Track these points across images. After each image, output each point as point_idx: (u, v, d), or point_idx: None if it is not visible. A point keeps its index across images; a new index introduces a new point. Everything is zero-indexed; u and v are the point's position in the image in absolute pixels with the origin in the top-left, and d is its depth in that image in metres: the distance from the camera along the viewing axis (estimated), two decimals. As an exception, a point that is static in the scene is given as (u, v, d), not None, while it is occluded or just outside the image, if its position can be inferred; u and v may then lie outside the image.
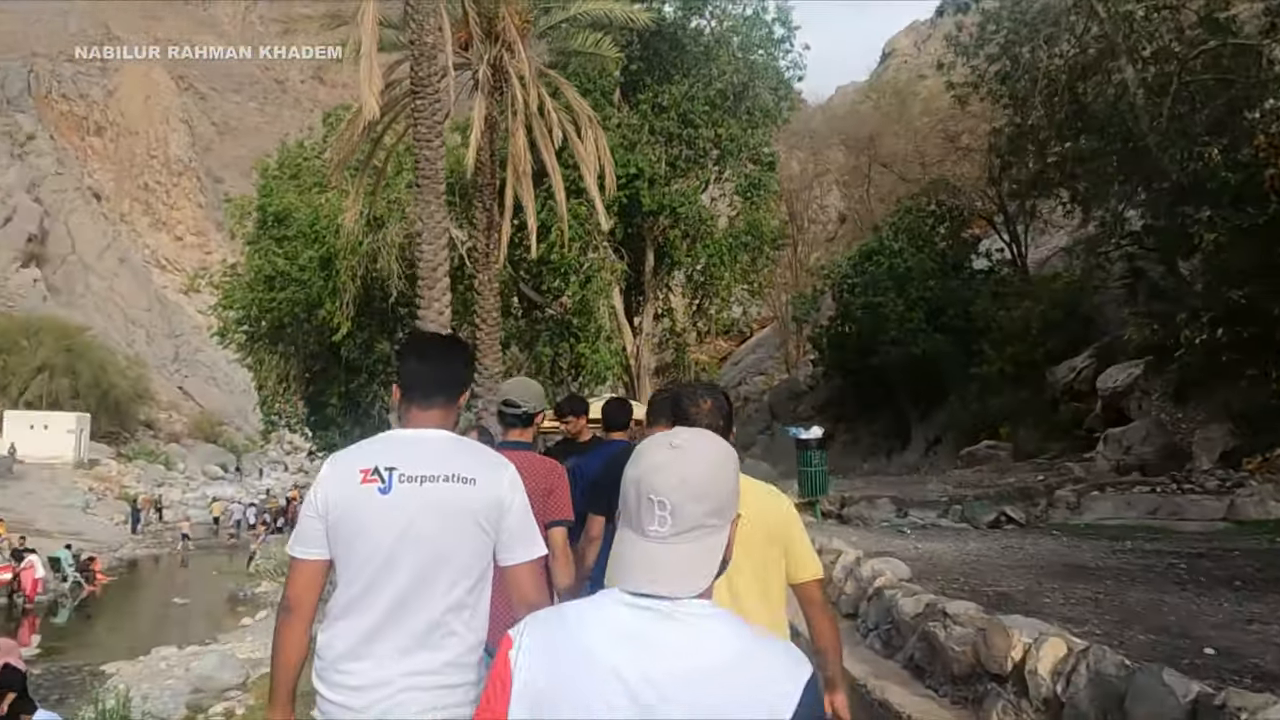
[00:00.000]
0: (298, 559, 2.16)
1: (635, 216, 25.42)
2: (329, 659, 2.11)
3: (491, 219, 13.44)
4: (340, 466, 2.17)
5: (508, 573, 2.18)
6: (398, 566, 2.08)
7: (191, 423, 71.93)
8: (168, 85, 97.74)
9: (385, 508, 2.08)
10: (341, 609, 2.12)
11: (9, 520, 33.54)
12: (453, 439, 2.24)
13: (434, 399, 2.24)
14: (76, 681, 15.93)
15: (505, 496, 2.15)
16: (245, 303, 27.57)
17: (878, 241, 21.35)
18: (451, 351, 2.39)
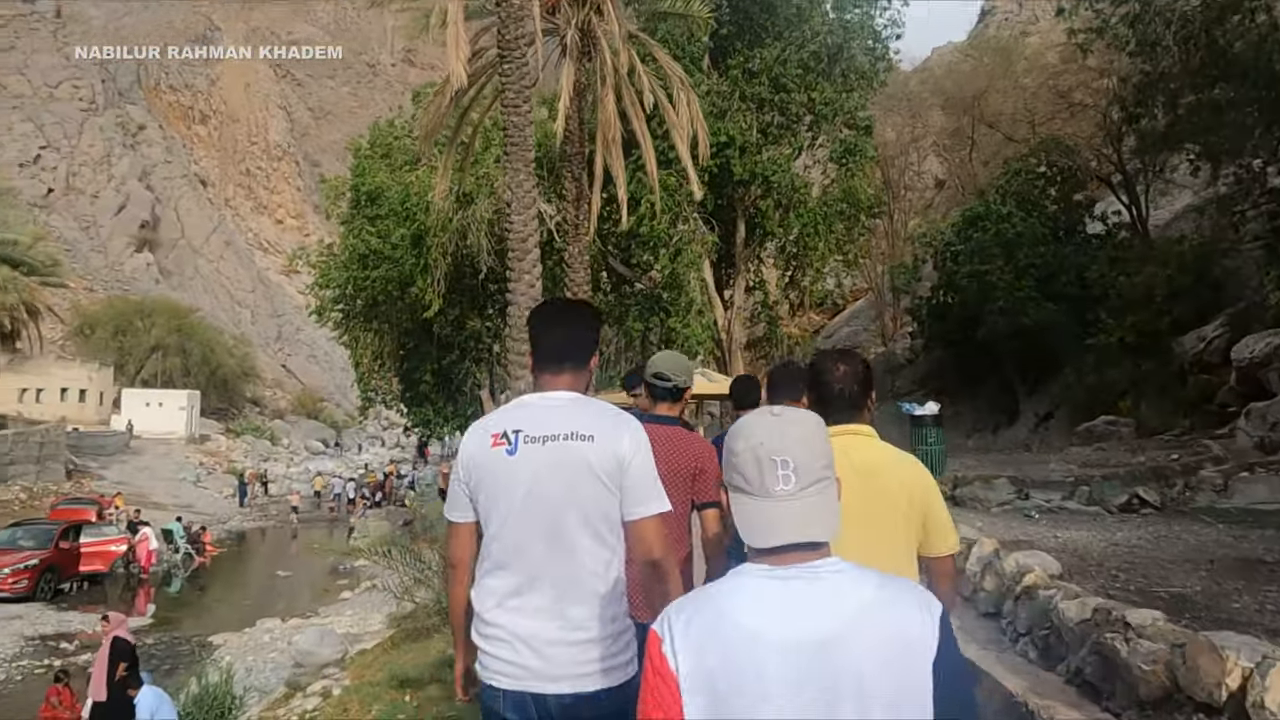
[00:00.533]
0: (452, 523, 2.32)
1: (726, 187, 24.66)
2: (481, 613, 2.22)
3: (581, 190, 12.96)
4: (476, 433, 2.28)
5: (629, 528, 2.20)
6: (529, 524, 2.16)
7: (294, 399, 74.23)
8: (266, 73, 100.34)
9: (512, 468, 2.17)
10: (489, 565, 2.23)
11: (126, 493, 34.97)
12: (577, 399, 2.26)
13: (562, 364, 2.29)
14: (186, 652, 16.29)
15: (625, 452, 2.17)
16: (340, 281, 27.88)
17: (984, 206, 20.14)
18: (578, 316, 2.43)
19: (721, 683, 1.29)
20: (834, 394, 2.49)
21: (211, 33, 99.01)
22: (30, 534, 20.59)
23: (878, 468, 2.41)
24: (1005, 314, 18.04)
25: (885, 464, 2.42)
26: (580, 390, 2.30)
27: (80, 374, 53.31)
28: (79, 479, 35.14)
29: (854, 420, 2.50)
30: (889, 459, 2.46)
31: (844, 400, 2.49)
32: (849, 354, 2.66)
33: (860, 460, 2.37)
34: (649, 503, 2.19)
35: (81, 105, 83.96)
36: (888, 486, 2.37)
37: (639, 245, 22.97)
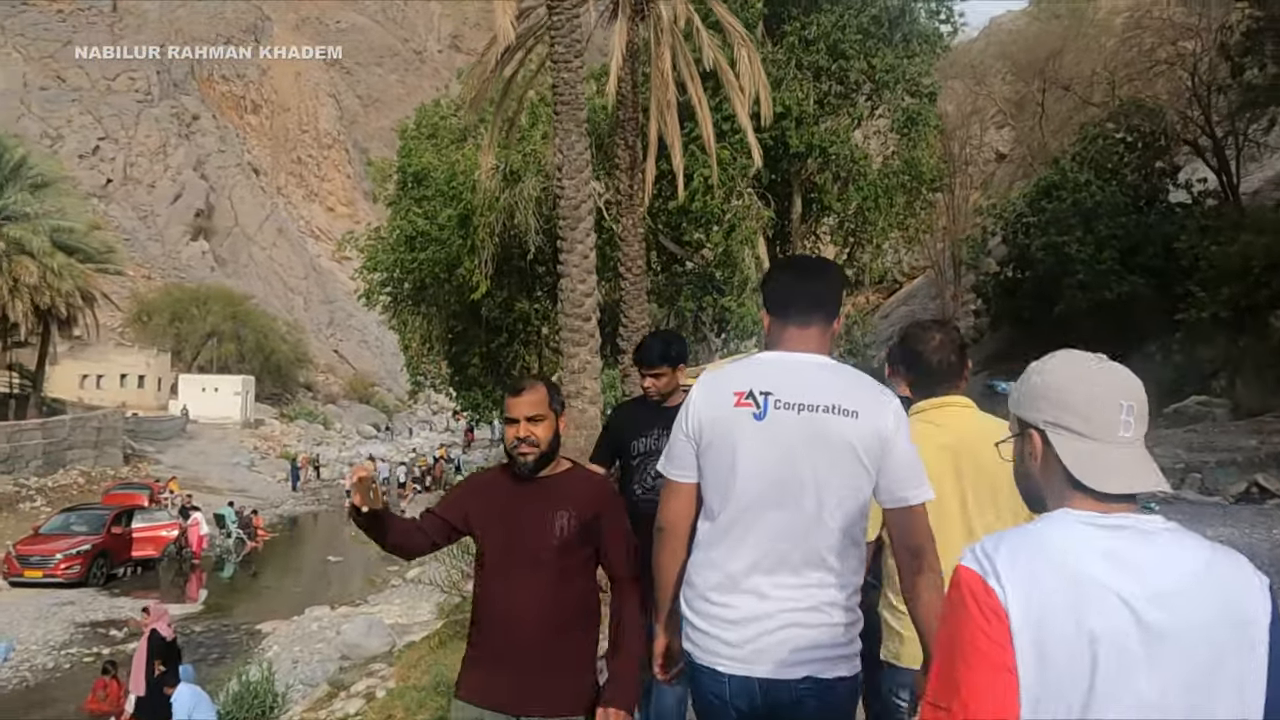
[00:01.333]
0: (673, 480, 2.10)
1: (781, 160, 23.58)
2: (701, 588, 2.04)
3: (634, 159, 12.12)
4: (712, 388, 2.09)
5: (891, 515, 2.04)
6: (773, 498, 1.98)
7: (346, 384, 74.65)
8: (315, 62, 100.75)
9: (760, 435, 1.98)
10: (715, 537, 2.04)
11: (183, 478, 35.06)
12: (831, 365, 2.08)
13: (812, 317, 2.10)
14: (235, 640, 15.90)
15: (889, 431, 1.99)
16: (387, 264, 27.42)
17: (1058, 174, 18.87)
18: (829, 269, 2.26)
19: (1052, 627, 1.19)
20: (933, 365, 2.39)
21: (262, 23, 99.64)
22: (84, 519, 20.43)
23: (974, 440, 2.29)
24: (1085, 288, 16.83)
25: (983, 435, 2.27)
26: (826, 353, 2.09)
27: (139, 360, 53.96)
28: (136, 463, 35.32)
29: (952, 392, 2.41)
30: (988, 429, 2.33)
31: (942, 371, 2.41)
32: (943, 323, 2.58)
33: (954, 434, 2.30)
34: (915, 487, 2.02)
35: (138, 97, 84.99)
36: (984, 460, 2.23)
37: (691, 222, 22.05)
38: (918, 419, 2.39)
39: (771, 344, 2.11)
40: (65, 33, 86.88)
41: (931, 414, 2.45)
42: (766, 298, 2.18)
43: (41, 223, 30.51)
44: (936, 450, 2.30)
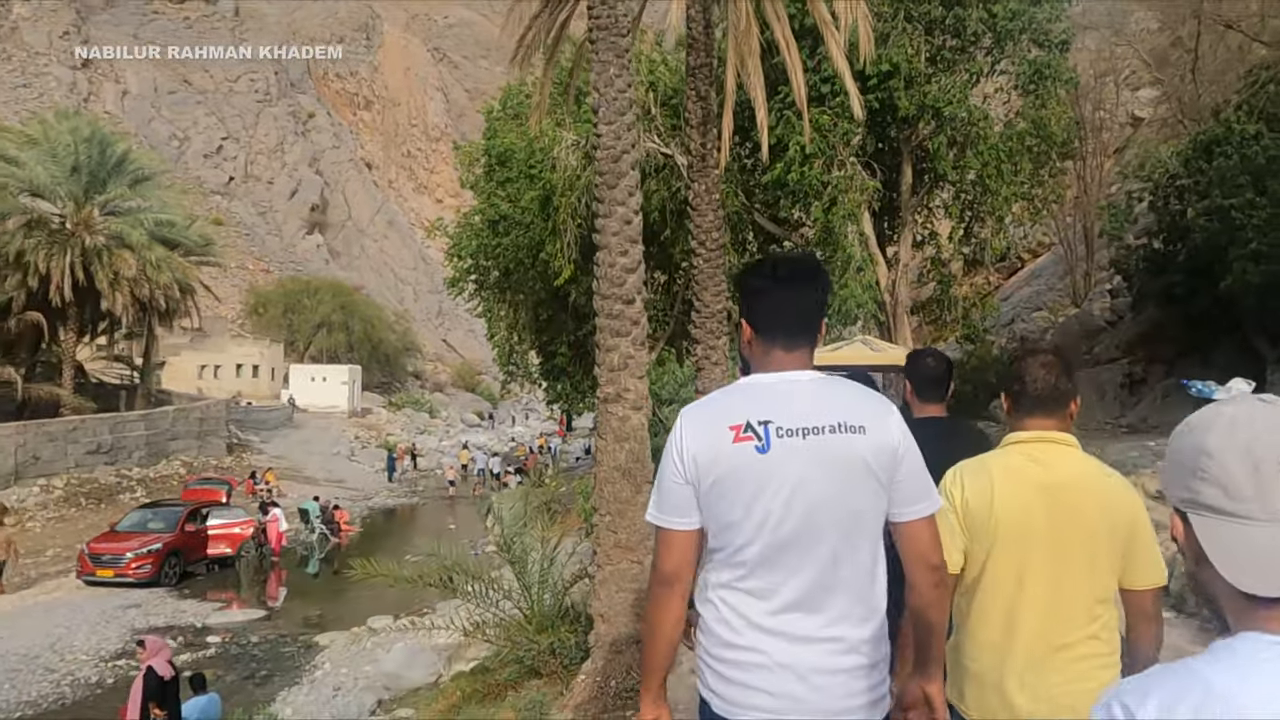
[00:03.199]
0: (669, 530, 1.92)
1: (889, 126, 21.01)
2: (724, 636, 1.87)
3: (708, 111, 10.07)
4: (702, 423, 1.88)
5: (905, 529, 1.90)
6: (797, 534, 1.82)
7: (454, 373, 74.84)
8: (424, 57, 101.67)
9: (767, 469, 1.82)
10: (731, 581, 1.88)
11: (281, 468, 34.82)
12: (825, 381, 1.92)
13: (799, 337, 1.93)
14: (288, 655, 14.64)
15: (897, 443, 1.87)
16: (472, 250, 26.09)
17: (1221, 128, 15.77)
18: (816, 274, 1.99)
19: None
20: (1037, 392, 2.22)
21: (374, 21, 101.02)
22: (161, 516, 19.76)
23: (1075, 484, 2.16)
24: (1260, 259, 13.83)
25: (1085, 480, 2.17)
26: (811, 367, 1.92)
27: (253, 351, 54.91)
28: (239, 453, 35.31)
29: (1055, 424, 2.23)
30: (1090, 474, 2.19)
31: (1047, 399, 2.23)
32: (1054, 349, 2.39)
33: (1056, 474, 2.16)
34: (926, 499, 1.90)
35: (257, 97, 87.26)
36: (1084, 507, 2.13)
37: (787, 196, 19.75)
38: (1016, 451, 2.22)
39: (758, 364, 1.95)
40: (192, 38, 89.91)
41: (1032, 448, 2.19)
42: (749, 310, 1.97)
43: (141, 216, 30.40)
44: (1034, 490, 2.13)
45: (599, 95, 6.78)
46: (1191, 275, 16.71)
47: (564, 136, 21.33)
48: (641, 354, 6.76)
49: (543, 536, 8.03)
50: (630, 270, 6.69)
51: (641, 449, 6.60)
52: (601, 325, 6.75)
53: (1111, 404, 20.88)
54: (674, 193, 21.33)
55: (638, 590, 6.42)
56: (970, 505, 2.20)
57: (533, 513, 21.97)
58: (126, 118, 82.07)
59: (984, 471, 2.24)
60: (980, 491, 2.19)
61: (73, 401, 28.56)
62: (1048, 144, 19.73)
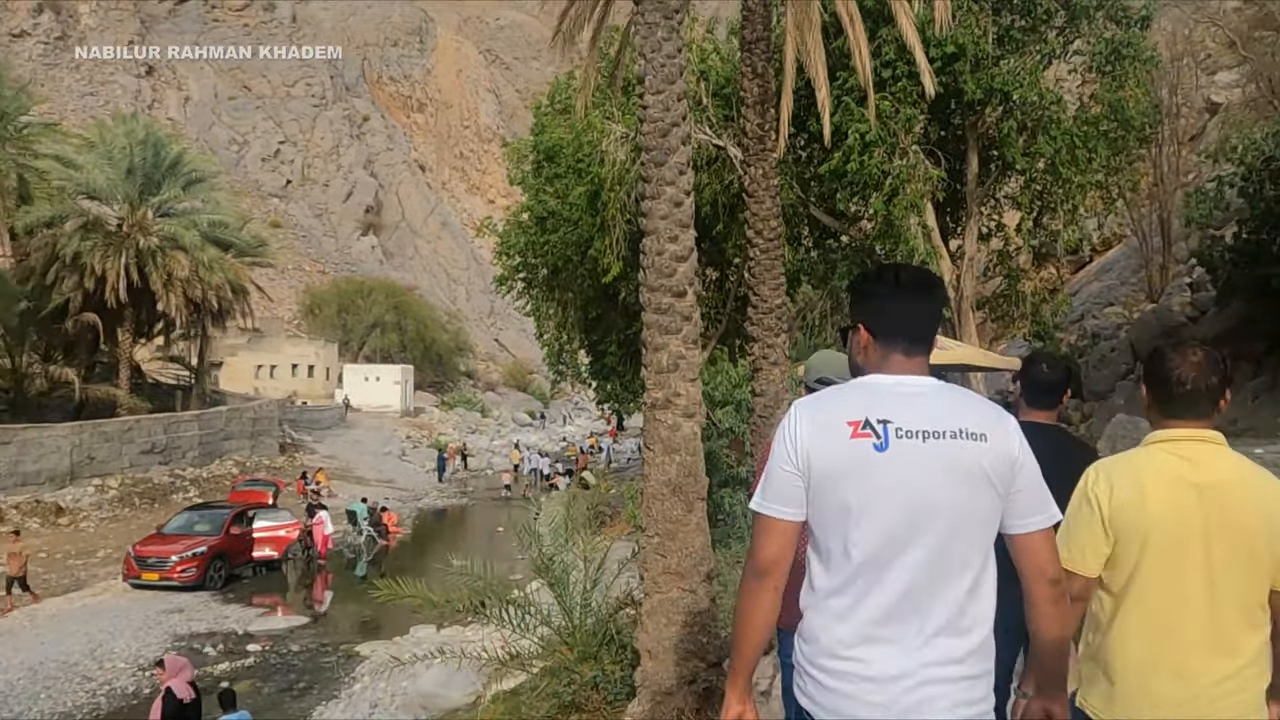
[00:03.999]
0: (773, 518, 1.85)
1: (954, 112, 19.85)
2: (826, 642, 1.80)
3: (765, 89, 9.20)
4: (820, 416, 1.83)
5: (1021, 541, 1.84)
6: (907, 538, 1.76)
7: (506, 372, 74.72)
8: (475, 59, 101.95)
9: (886, 469, 1.76)
10: (839, 584, 1.80)
11: (333, 468, 34.68)
12: (945, 387, 1.89)
13: (920, 344, 1.90)
14: (328, 666, 14.08)
15: (1017, 453, 1.82)
16: (520, 247, 25.52)
17: (1326, 104, 14.43)
18: (938, 286, 1.98)
19: None
20: (1184, 390, 2.10)
21: (427, 24, 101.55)
22: (206, 519, 19.45)
23: (1232, 483, 2.06)
24: (1374, 247, 12.51)
25: (1240, 481, 2.07)
26: (929, 374, 1.89)
27: (308, 351, 55.24)
28: (292, 453, 35.26)
29: (1205, 424, 2.11)
30: (1245, 475, 2.09)
31: (1196, 397, 2.10)
32: (1201, 343, 2.23)
33: (1210, 474, 2.06)
34: (1045, 510, 1.85)
35: (313, 101, 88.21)
36: (1242, 509, 2.03)
37: (845, 187, 18.73)
38: (1162, 449, 2.11)
39: (874, 368, 1.89)
40: (251, 44, 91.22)
41: (1182, 446, 2.09)
42: (868, 317, 1.92)
43: (195, 218, 30.41)
44: (1186, 489, 2.04)
45: (645, 62, 5.96)
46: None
47: (612, 129, 20.60)
48: (694, 354, 5.93)
49: (584, 553, 7.23)
50: (681, 259, 5.87)
51: (694, 461, 5.77)
52: (649, 321, 5.93)
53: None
54: (726, 185, 20.44)
55: (690, 622, 5.61)
56: (1119, 506, 2.08)
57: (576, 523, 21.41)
58: (188, 123, 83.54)
59: (1132, 470, 2.12)
60: (1130, 491, 2.08)
61: (129, 402, 28.65)
62: (1125, 129, 18.40)
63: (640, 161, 6.06)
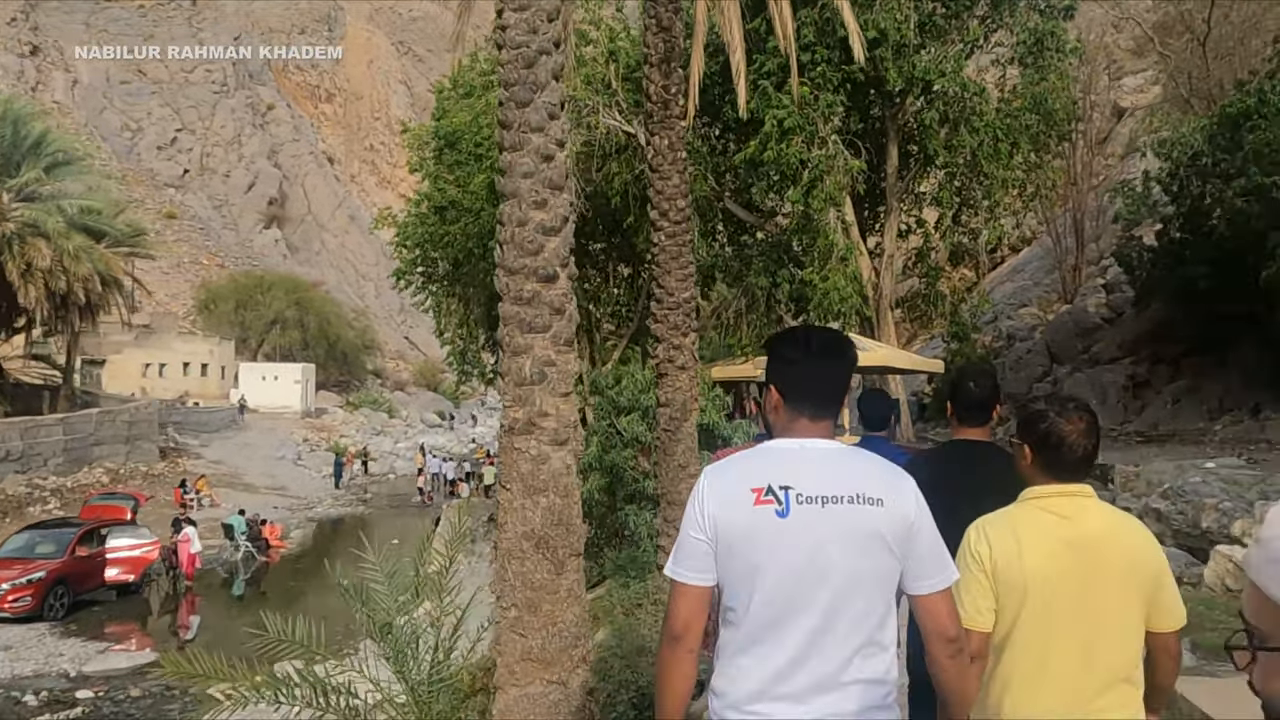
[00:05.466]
0: (685, 584, 1.88)
1: (874, 102, 18.80)
2: (734, 699, 1.85)
3: (671, 47, 7.73)
4: (726, 482, 1.89)
5: (921, 602, 1.89)
6: (805, 600, 1.82)
7: (416, 371, 71.89)
8: (387, 49, 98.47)
9: (786, 534, 1.81)
10: (744, 643, 1.86)
11: (219, 474, 31.99)
12: (846, 451, 1.93)
13: (828, 409, 1.94)
14: (173, 715, 12.10)
15: (914, 515, 1.85)
16: (418, 238, 23.55)
17: (1254, 99, 13.70)
18: (848, 348, 2.00)
19: None
20: (1075, 456, 2.15)
21: (336, 13, 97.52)
22: (51, 539, 17.02)
23: (1102, 538, 2.12)
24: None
25: (1111, 533, 2.14)
26: (834, 436, 1.93)
27: (202, 348, 51.72)
28: (174, 458, 32.39)
29: (1082, 479, 2.19)
30: (1114, 526, 2.17)
31: (1082, 462, 2.18)
32: (1088, 408, 2.25)
33: (1081, 529, 2.12)
34: (943, 572, 1.88)
35: (214, 89, 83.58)
36: (1109, 559, 2.10)
37: (762, 177, 17.44)
38: (1036, 506, 2.17)
39: (781, 429, 1.94)
40: (147, 27, 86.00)
41: (1053, 502, 2.16)
42: (780, 378, 1.95)
43: (61, 203, 27.41)
44: (1061, 545, 2.10)
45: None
46: (1217, 266, 14.63)
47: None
48: (568, 359, 4.38)
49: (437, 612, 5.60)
50: (550, 230, 4.31)
51: (566, 505, 4.21)
52: (506, 314, 4.37)
53: (1115, 408, 18.81)
54: (638, 175, 18.93)
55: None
56: (998, 563, 2.10)
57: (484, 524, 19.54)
58: (77, 108, 78.13)
59: (1009, 528, 2.14)
60: (1007, 549, 2.10)
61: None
62: (1047, 122, 17.61)
63: (499, 102, 4.47)
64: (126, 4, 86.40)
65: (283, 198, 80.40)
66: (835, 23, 16.68)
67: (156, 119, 79.55)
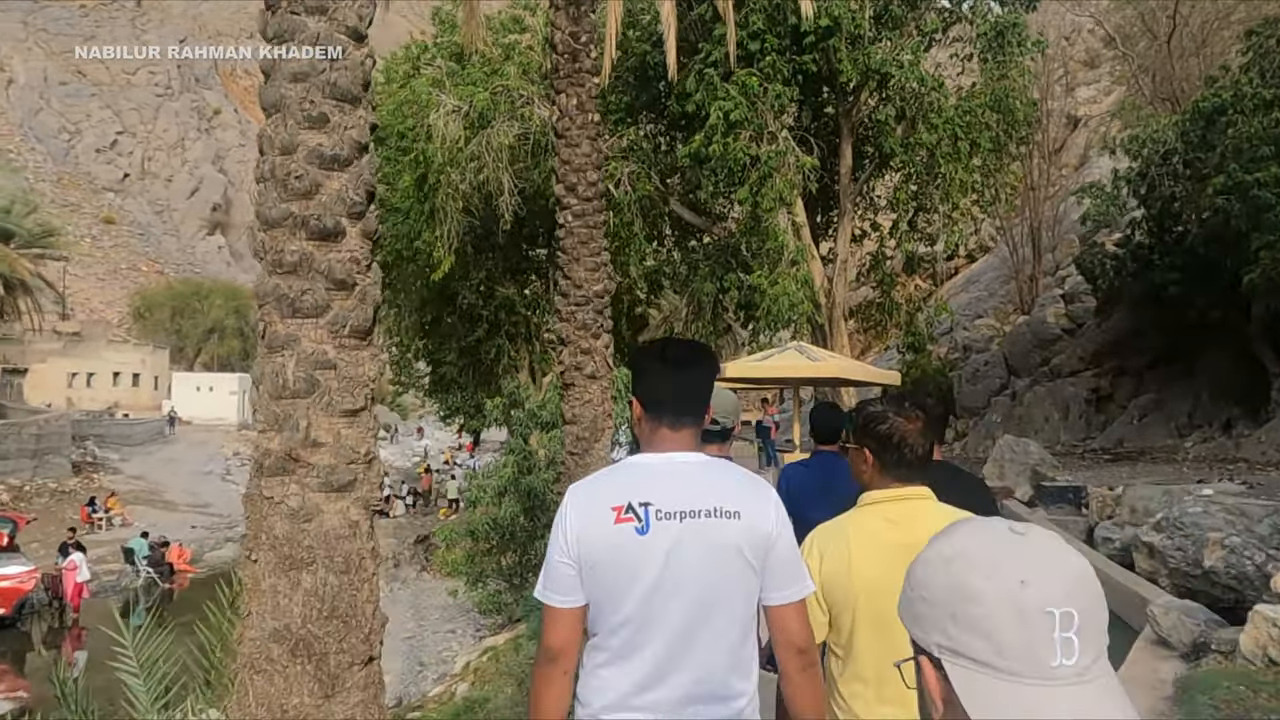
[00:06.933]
0: (555, 608, 1.86)
1: (827, 99, 17.59)
2: (597, 708, 1.85)
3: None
4: (587, 503, 1.86)
5: (773, 613, 1.88)
6: (664, 613, 1.82)
7: (363, 382, 69.58)
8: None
9: (645, 550, 1.80)
10: (606, 657, 1.86)
11: (137, 490, 29.77)
12: (707, 464, 1.91)
13: (685, 418, 1.91)
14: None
15: (772, 529, 1.85)
16: (344, 241, 21.78)
17: (1230, 91, 12.63)
18: (705, 357, 2.00)
19: None
20: (914, 455, 2.14)
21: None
22: (-90, 567, 14.94)
23: None
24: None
25: None
26: (697, 447, 1.91)
27: (133, 357, 49.06)
28: (89, 473, 30.07)
29: (919, 480, 2.16)
30: None
31: (921, 465, 2.16)
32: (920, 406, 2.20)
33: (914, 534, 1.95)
34: (796, 584, 1.87)
35: (157, 91, 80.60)
36: None
37: (707, 176, 16.07)
38: (870, 512, 2.15)
39: (646, 442, 1.93)
40: (88, 28, 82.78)
41: (886, 508, 2.14)
42: (638, 388, 1.94)
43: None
44: (891, 550, 2.03)
45: None
46: (1188, 271, 13.52)
47: (443, 100, 17.37)
48: (359, 361, 2.84)
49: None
50: (333, 163, 2.79)
51: (349, 587, 2.67)
52: (262, 289, 2.82)
53: (1077, 423, 17.69)
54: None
55: None
56: (828, 576, 2.07)
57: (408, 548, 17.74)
58: (12, 108, 74.77)
59: (841, 538, 2.10)
60: (838, 559, 2.07)
61: None
62: (1008, 121, 16.49)
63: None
64: (67, 3, 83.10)
65: (228, 204, 77.59)
66: (785, 9, 15.47)
67: (96, 121, 76.37)
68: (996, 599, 0.80)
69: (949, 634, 0.83)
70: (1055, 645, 0.78)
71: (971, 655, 0.81)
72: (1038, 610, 0.79)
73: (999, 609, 0.80)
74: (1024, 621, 0.79)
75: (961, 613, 0.82)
